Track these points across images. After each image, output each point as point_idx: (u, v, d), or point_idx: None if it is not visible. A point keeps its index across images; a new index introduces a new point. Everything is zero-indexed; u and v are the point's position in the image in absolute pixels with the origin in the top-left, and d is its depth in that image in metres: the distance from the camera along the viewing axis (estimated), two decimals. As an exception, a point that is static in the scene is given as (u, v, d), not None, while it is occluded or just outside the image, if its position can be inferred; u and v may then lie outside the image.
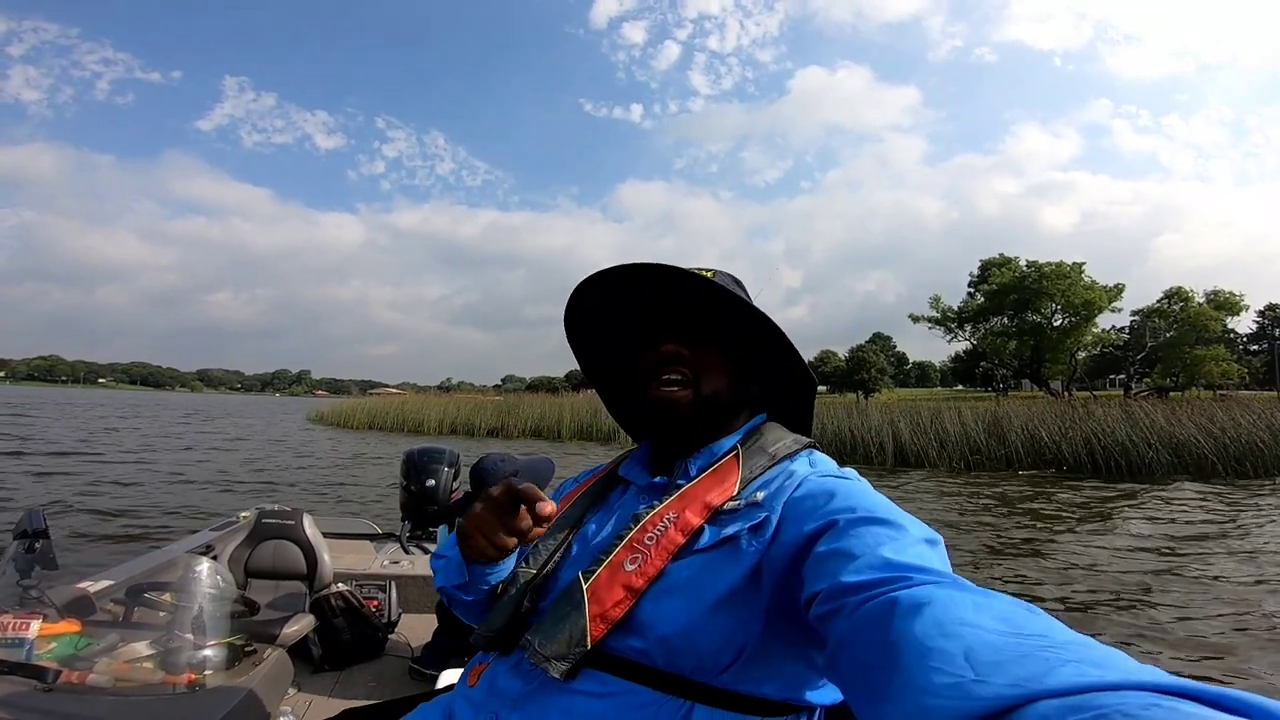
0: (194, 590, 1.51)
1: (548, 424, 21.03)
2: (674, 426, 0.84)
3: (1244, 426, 11.94)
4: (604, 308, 0.93)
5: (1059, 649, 0.41)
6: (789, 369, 0.90)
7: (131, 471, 10.45)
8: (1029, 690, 0.37)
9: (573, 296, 0.91)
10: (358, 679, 2.45)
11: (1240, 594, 4.56)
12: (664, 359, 0.84)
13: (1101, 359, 49.00)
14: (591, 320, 0.96)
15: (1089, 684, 0.36)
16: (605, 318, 0.95)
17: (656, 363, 0.85)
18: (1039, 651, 0.40)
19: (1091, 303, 37.40)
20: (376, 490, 9.14)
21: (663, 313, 0.87)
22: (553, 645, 0.69)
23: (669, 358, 0.84)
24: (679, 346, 0.85)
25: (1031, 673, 0.38)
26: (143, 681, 1.31)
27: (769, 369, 0.91)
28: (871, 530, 0.61)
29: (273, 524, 2.74)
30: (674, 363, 0.84)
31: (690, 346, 0.85)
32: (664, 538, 0.72)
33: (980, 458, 13.29)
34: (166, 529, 6.09)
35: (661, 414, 0.84)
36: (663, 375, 0.84)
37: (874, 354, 69.77)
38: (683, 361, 0.84)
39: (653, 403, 0.84)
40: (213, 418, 32.07)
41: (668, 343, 0.85)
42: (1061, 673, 0.37)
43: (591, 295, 0.90)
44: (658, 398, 0.84)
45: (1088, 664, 0.38)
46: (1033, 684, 0.37)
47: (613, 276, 0.85)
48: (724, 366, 0.86)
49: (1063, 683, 0.37)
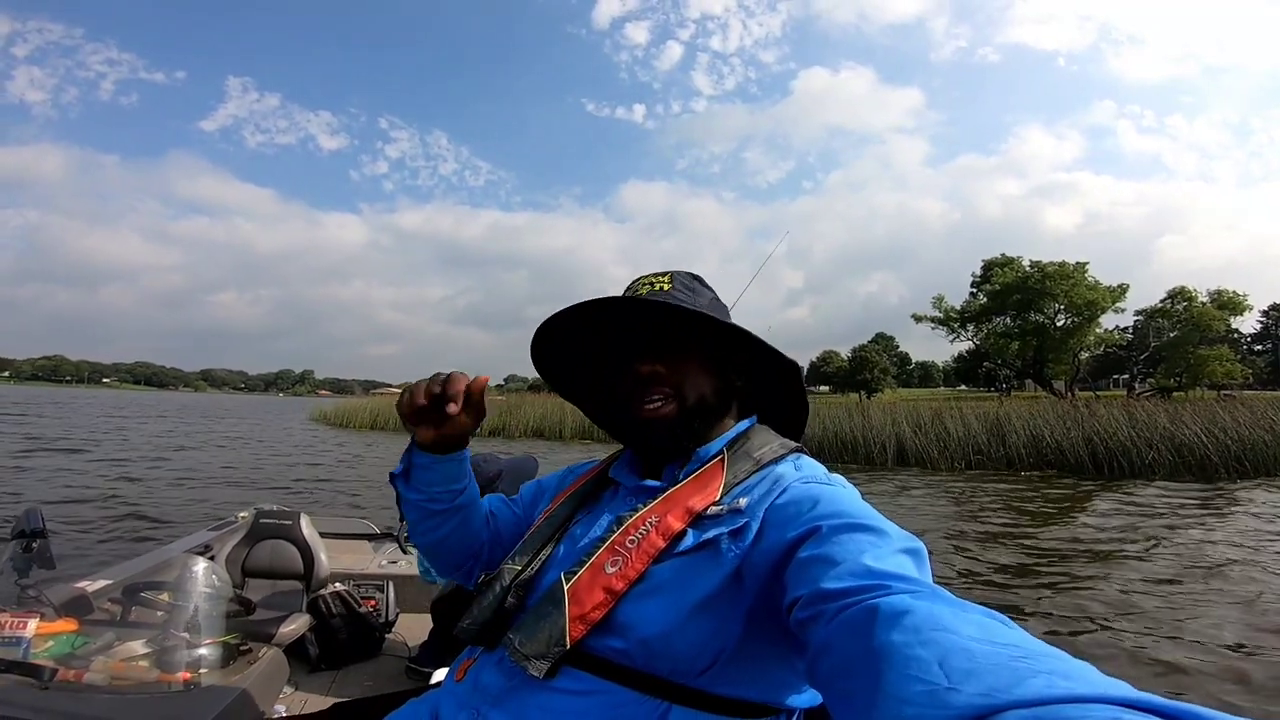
0: (190, 590, 1.53)
1: (550, 424, 21.04)
2: (664, 440, 0.85)
3: (1245, 426, 11.90)
4: (571, 337, 0.94)
5: (1031, 659, 0.41)
6: (769, 360, 0.91)
7: (131, 470, 10.49)
8: (998, 700, 0.38)
9: (535, 338, 0.92)
10: (354, 678, 2.46)
11: (1241, 597, 4.55)
12: (642, 380, 0.85)
13: (1105, 359, 48.87)
14: (559, 349, 0.97)
15: (1057, 695, 0.37)
16: (573, 346, 0.96)
17: (636, 383, 0.86)
18: (1011, 662, 0.41)
19: (1095, 303, 37.33)
20: (379, 489, 9.15)
21: (631, 334, 0.88)
22: (533, 644, 0.71)
23: (646, 378, 0.85)
24: (654, 365, 0.86)
25: (1003, 682, 0.39)
26: (139, 680, 1.32)
27: (750, 363, 0.92)
28: (853, 537, 0.62)
29: (270, 524, 2.75)
30: (652, 383, 0.85)
31: (665, 362, 0.86)
32: (645, 541, 0.73)
33: (982, 458, 13.27)
34: (165, 528, 6.10)
35: (650, 432, 0.85)
36: (644, 397, 0.85)
37: (876, 354, 69.73)
38: (660, 380, 0.85)
39: (640, 424, 0.86)
40: (215, 417, 32.16)
41: (643, 363, 0.86)
42: (1032, 684, 0.38)
43: (557, 329, 0.90)
44: (644, 417, 0.85)
45: (1058, 675, 0.39)
46: (1003, 694, 0.38)
47: (572, 314, 0.86)
48: (703, 368, 0.87)
49: (1032, 693, 0.37)
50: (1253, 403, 14.03)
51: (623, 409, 0.89)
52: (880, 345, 77.95)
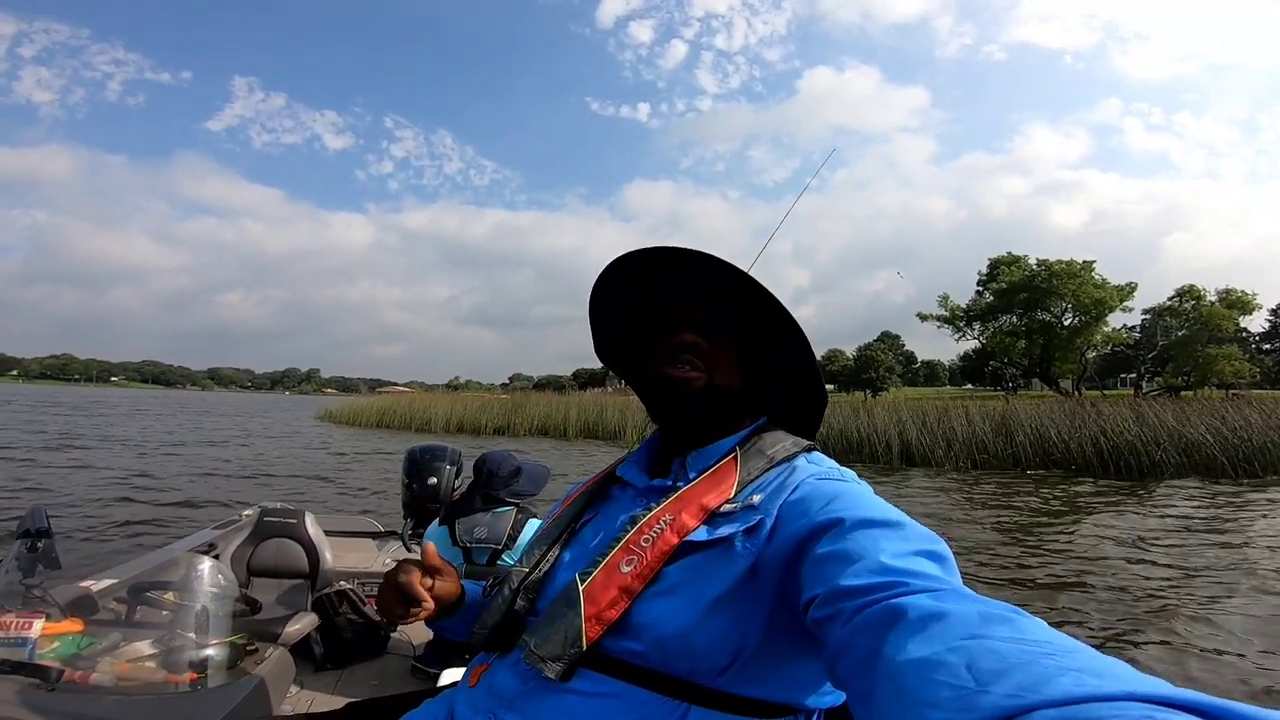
0: (196, 589, 1.52)
1: (554, 422, 21.06)
2: (682, 407, 0.84)
3: (1255, 426, 11.82)
4: (623, 293, 0.93)
5: (1059, 657, 0.40)
6: (799, 374, 0.90)
7: (138, 467, 10.52)
8: (1028, 700, 0.37)
9: (602, 275, 0.91)
10: (360, 677, 2.46)
11: (1251, 590, 4.52)
12: (681, 347, 0.84)
13: (1112, 358, 48.53)
14: (611, 306, 0.96)
15: (1087, 694, 0.36)
16: (623, 303, 0.95)
17: (672, 350, 0.85)
18: (1039, 659, 0.40)
19: (1102, 301, 37.09)
20: (384, 487, 9.18)
21: (680, 301, 0.87)
22: (548, 646, 0.70)
23: (686, 347, 0.84)
24: (696, 337, 0.85)
25: (1031, 681, 0.38)
26: (145, 681, 1.32)
27: (777, 371, 0.91)
28: (869, 534, 0.61)
29: (275, 522, 2.75)
30: (689, 352, 0.84)
31: (707, 339, 0.85)
32: (660, 540, 0.73)
33: (987, 457, 13.20)
34: (170, 527, 6.12)
35: (673, 392, 0.84)
36: (676, 360, 0.84)
37: (882, 353, 69.57)
38: (698, 353, 0.84)
39: (663, 379, 0.84)
40: (222, 414, 32.31)
41: (686, 331, 0.85)
42: (1061, 682, 0.37)
43: (615, 278, 0.90)
44: (670, 374, 0.84)
45: (1087, 673, 0.38)
46: (1031, 693, 0.37)
47: (637, 258, 0.86)
48: (737, 362, 0.86)
49: (1061, 692, 0.36)
50: (1261, 402, 13.90)
51: (651, 366, 0.87)
52: (886, 344, 77.65)
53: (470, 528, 2.39)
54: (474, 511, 2.41)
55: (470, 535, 2.37)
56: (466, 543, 2.36)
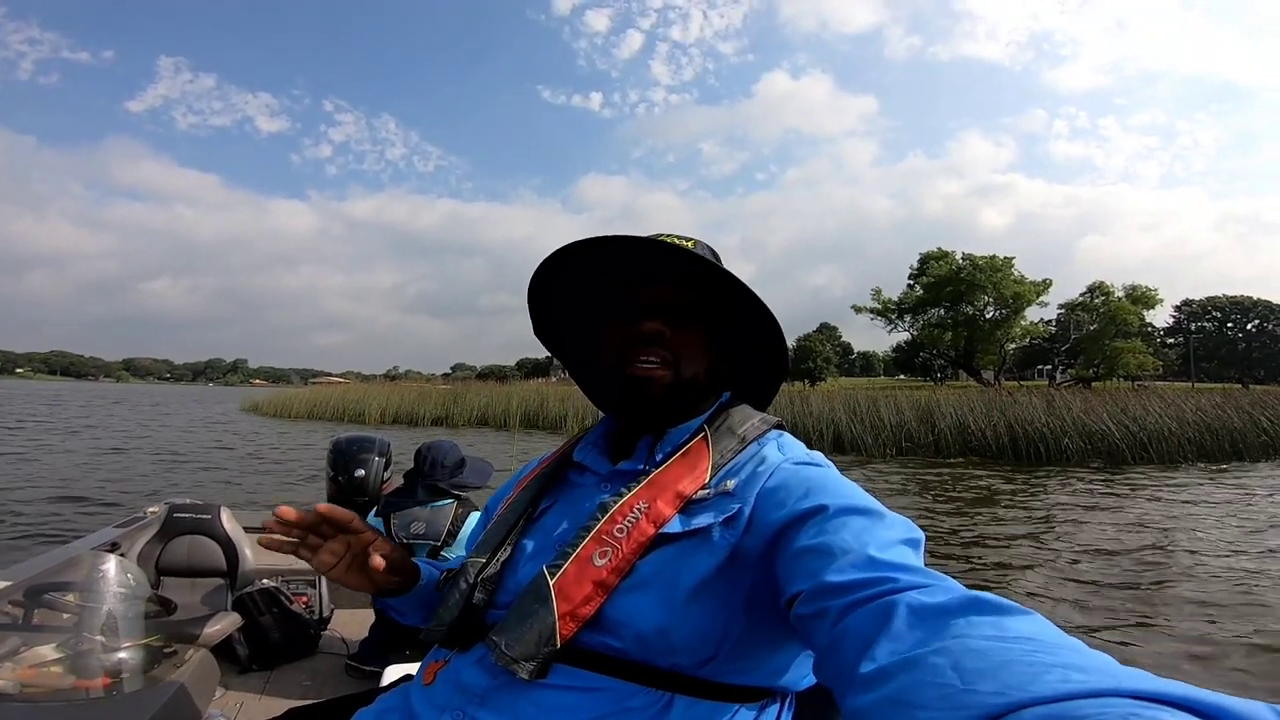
0: (101, 589, 1.45)
1: (494, 413, 20.67)
2: (650, 407, 0.80)
3: (1154, 415, 12.78)
4: (576, 276, 0.87)
5: (1045, 653, 0.40)
6: (764, 354, 0.88)
7: (22, 465, 9.78)
8: (1014, 699, 0.36)
9: (546, 262, 0.83)
10: (291, 678, 2.39)
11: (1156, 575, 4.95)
12: (644, 338, 0.79)
13: (1030, 350, 51.64)
14: (559, 290, 0.89)
15: (1072, 691, 0.36)
16: (576, 286, 0.88)
17: (635, 340, 0.79)
18: (1025, 656, 0.40)
19: (1021, 296, 39.62)
20: (307, 478, 8.86)
21: (644, 287, 0.82)
22: (520, 646, 0.65)
23: (650, 337, 0.79)
24: (662, 326, 0.79)
25: (1017, 680, 0.38)
26: (52, 687, 1.25)
27: (740, 353, 0.88)
28: (850, 524, 0.60)
29: (186, 518, 2.64)
30: (654, 343, 0.79)
31: (673, 327, 0.80)
32: (635, 530, 0.69)
33: (912, 444, 13.85)
34: (64, 527, 5.71)
35: (637, 392, 0.79)
36: (641, 355, 0.79)
37: (820, 344, 71.65)
38: (663, 343, 0.79)
39: (629, 380, 0.79)
40: (136, 407, 30.30)
41: (651, 320, 0.79)
42: (1046, 679, 0.37)
43: (567, 264, 0.83)
44: (635, 374, 0.79)
45: (1073, 669, 0.38)
46: (1018, 692, 0.37)
47: (595, 245, 0.79)
48: (703, 348, 0.82)
49: (1047, 690, 0.36)
50: (1163, 393, 15.13)
51: (612, 362, 0.82)
52: (824, 335, 79.90)
53: (407, 522, 2.31)
54: (413, 504, 2.34)
55: (406, 531, 2.29)
56: (403, 539, 2.28)
